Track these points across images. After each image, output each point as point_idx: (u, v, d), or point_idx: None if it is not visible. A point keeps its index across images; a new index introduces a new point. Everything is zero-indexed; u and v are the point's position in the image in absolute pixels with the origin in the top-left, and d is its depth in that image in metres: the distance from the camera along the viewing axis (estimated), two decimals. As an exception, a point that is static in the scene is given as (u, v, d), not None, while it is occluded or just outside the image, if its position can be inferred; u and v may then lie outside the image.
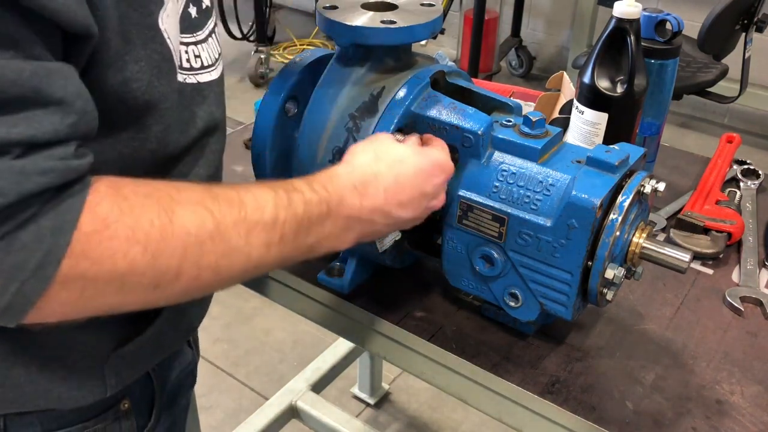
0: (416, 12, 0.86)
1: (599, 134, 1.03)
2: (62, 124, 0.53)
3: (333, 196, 0.69)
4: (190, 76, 0.70)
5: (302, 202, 0.66)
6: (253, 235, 0.61)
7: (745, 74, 2.52)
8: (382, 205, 0.72)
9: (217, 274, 0.60)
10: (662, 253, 0.80)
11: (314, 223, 0.67)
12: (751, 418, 0.80)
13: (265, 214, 0.62)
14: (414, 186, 0.74)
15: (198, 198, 0.59)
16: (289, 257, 0.67)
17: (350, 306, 0.95)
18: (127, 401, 0.81)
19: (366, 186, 0.71)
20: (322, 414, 1.88)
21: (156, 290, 0.58)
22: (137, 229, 0.55)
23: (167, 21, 0.63)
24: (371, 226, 0.73)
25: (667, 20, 1.08)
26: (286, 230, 0.64)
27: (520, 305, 0.83)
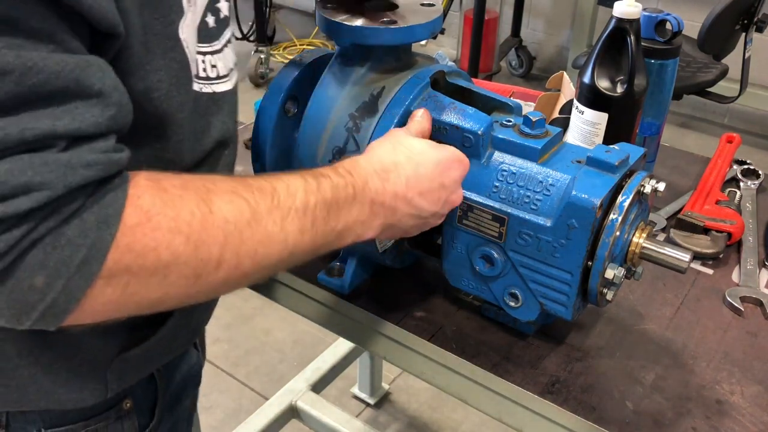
0: (416, 12, 0.86)
1: (599, 134, 1.03)
2: (102, 117, 0.53)
3: (358, 180, 0.69)
4: (206, 85, 0.71)
5: (330, 187, 0.66)
6: (287, 221, 0.62)
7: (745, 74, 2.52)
8: (405, 191, 0.72)
9: (255, 262, 0.61)
10: (662, 253, 0.80)
11: (342, 207, 0.67)
12: (751, 418, 0.80)
13: (297, 200, 0.63)
14: (433, 177, 0.74)
15: (232, 187, 0.60)
16: (320, 244, 0.67)
17: (350, 306, 0.95)
18: (129, 400, 0.81)
19: (387, 172, 0.72)
20: (322, 414, 1.88)
21: (198, 281, 0.58)
22: (179, 220, 0.55)
23: (186, 30, 0.64)
24: (394, 214, 0.73)
25: (667, 20, 1.08)
26: (317, 215, 0.65)
27: (520, 305, 0.83)
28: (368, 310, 0.94)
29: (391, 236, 0.78)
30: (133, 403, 0.81)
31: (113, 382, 0.75)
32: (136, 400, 0.82)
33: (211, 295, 0.62)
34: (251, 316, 2.42)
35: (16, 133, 0.49)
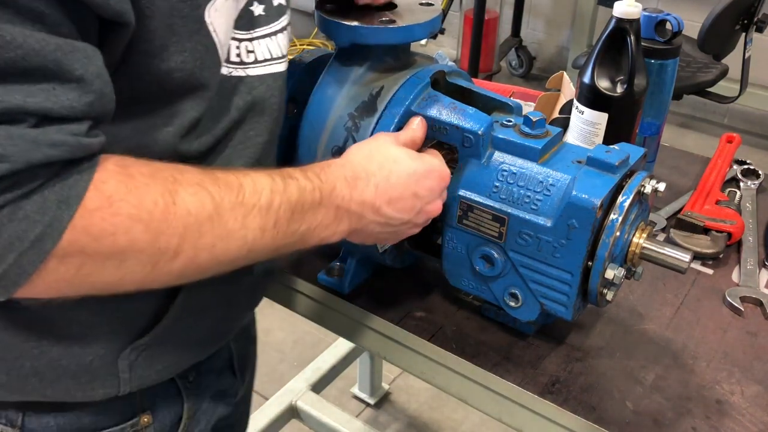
0: (415, 12, 0.86)
1: (599, 134, 1.03)
2: (79, 102, 0.53)
3: (325, 184, 0.70)
4: (238, 69, 0.71)
5: (297, 189, 0.67)
6: (249, 218, 0.62)
7: (745, 74, 2.52)
8: (372, 199, 0.73)
9: (213, 256, 0.61)
10: (662, 253, 0.80)
11: (307, 210, 0.68)
12: (751, 418, 0.80)
13: (262, 198, 0.63)
14: (406, 186, 0.74)
15: (199, 180, 0.60)
16: (281, 244, 0.67)
17: (350, 306, 0.95)
18: (148, 415, 0.80)
19: (356, 180, 0.72)
20: (322, 414, 1.88)
21: (154, 270, 0.58)
22: (141, 208, 0.55)
23: (214, 15, 0.64)
24: (360, 221, 0.73)
25: (667, 20, 1.08)
26: (280, 215, 0.65)
27: (520, 305, 0.83)
28: (368, 310, 0.94)
29: (361, 242, 0.78)
30: (152, 419, 0.80)
31: (125, 373, 0.74)
32: (156, 417, 0.81)
33: (167, 283, 0.62)
34: (251, 316, 2.42)
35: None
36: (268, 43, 0.74)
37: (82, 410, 0.76)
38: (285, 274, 1.00)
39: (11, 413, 0.75)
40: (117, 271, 0.57)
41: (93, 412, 0.76)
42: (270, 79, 0.75)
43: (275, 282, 1.01)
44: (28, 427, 0.75)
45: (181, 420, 0.83)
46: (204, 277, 0.64)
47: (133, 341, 0.74)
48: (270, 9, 0.73)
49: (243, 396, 1.00)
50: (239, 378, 0.95)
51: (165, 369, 0.78)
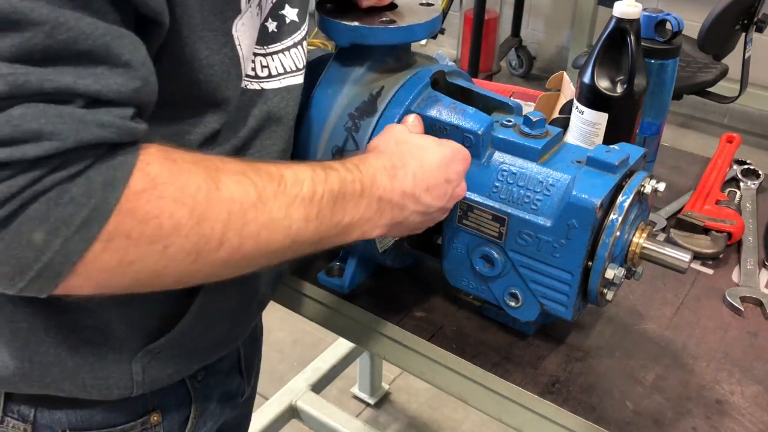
0: (415, 12, 0.86)
1: (599, 134, 1.03)
2: (126, 87, 0.53)
3: (366, 176, 0.69)
4: (253, 82, 0.72)
5: (338, 180, 0.66)
6: (292, 208, 0.62)
7: (745, 74, 2.53)
8: (412, 188, 0.72)
9: (258, 245, 0.60)
10: (662, 253, 0.80)
11: (349, 201, 0.67)
12: (751, 418, 0.80)
13: (304, 188, 0.63)
14: (439, 172, 0.74)
15: (241, 169, 0.60)
16: (325, 236, 0.66)
17: (350, 306, 0.95)
18: (157, 414, 0.80)
19: (395, 169, 0.72)
20: (322, 414, 1.88)
21: (198, 258, 0.57)
22: (185, 192, 0.55)
23: (241, 29, 0.65)
24: (402, 212, 0.73)
25: (667, 20, 1.08)
26: (323, 205, 0.64)
27: (520, 305, 0.83)
28: (368, 310, 0.94)
29: (397, 234, 0.77)
30: (161, 417, 0.80)
31: (138, 375, 0.74)
32: (166, 415, 0.81)
33: (211, 276, 0.61)
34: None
35: (36, 82, 0.49)
36: (282, 59, 0.74)
37: (94, 407, 0.76)
38: (286, 274, 1.00)
39: (24, 408, 0.75)
40: (161, 258, 0.55)
41: (104, 410, 0.77)
42: (285, 91, 0.76)
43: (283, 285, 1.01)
44: (40, 422, 0.75)
45: (189, 420, 0.83)
46: (248, 271, 0.63)
47: (147, 344, 0.74)
48: (282, 26, 0.74)
49: (248, 396, 1.00)
50: (246, 379, 0.95)
51: (177, 372, 0.79)
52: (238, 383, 0.93)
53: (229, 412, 0.92)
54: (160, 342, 0.74)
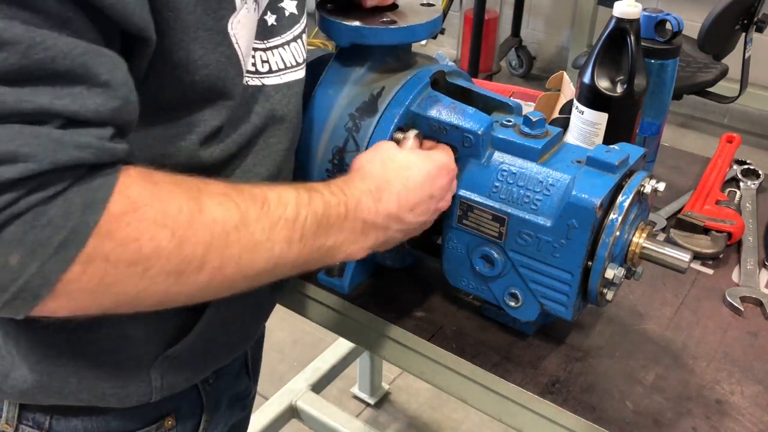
0: (416, 12, 0.86)
1: (599, 134, 1.03)
2: (105, 107, 0.53)
3: (350, 199, 0.69)
4: (254, 78, 0.71)
5: (322, 203, 0.66)
6: (275, 230, 0.61)
7: (745, 74, 2.53)
8: (396, 210, 0.72)
9: (239, 268, 0.60)
10: (662, 253, 0.80)
11: (333, 224, 0.67)
12: (751, 418, 0.80)
13: (288, 210, 0.62)
14: (423, 191, 0.74)
15: (223, 191, 0.60)
16: (308, 259, 0.66)
17: (350, 306, 0.95)
18: (171, 418, 0.80)
19: (380, 192, 0.71)
20: (322, 414, 1.88)
21: (178, 280, 0.57)
22: (166, 214, 0.54)
23: (237, 26, 0.64)
24: (386, 233, 0.73)
25: (667, 20, 1.08)
26: (306, 228, 0.64)
27: (520, 305, 0.83)
28: (368, 310, 0.94)
29: (379, 249, 0.77)
30: (175, 421, 0.80)
31: (157, 380, 0.74)
32: (180, 419, 0.81)
33: (192, 298, 0.61)
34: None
35: (12, 102, 0.48)
36: (282, 53, 0.74)
37: (109, 414, 0.76)
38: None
39: (39, 416, 0.75)
40: (141, 280, 0.55)
41: (120, 416, 0.77)
42: (285, 87, 0.75)
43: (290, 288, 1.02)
44: (56, 429, 0.75)
45: (201, 423, 0.84)
46: (226, 294, 0.63)
47: (165, 350, 0.74)
48: (282, 19, 0.73)
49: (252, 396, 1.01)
50: (252, 379, 0.96)
51: (194, 375, 0.79)
52: (246, 384, 0.93)
53: (239, 414, 0.92)
54: (177, 347, 0.74)
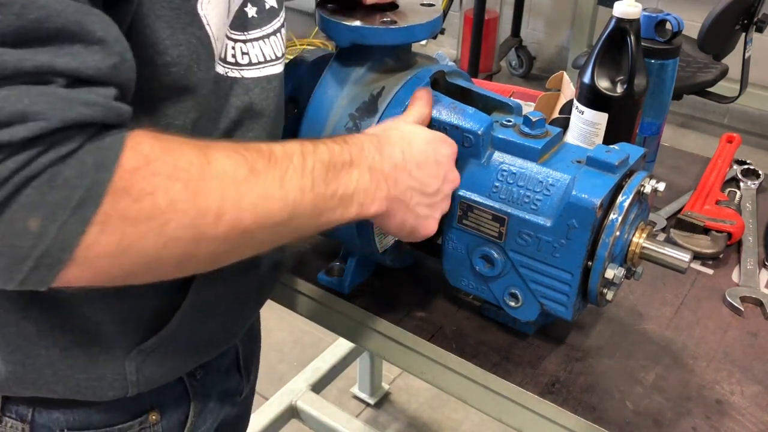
0: (416, 12, 0.86)
1: (599, 134, 1.03)
2: (104, 64, 0.52)
3: (353, 147, 0.69)
4: (233, 70, 0.71)
5: (327, 151, 0.66)
6: (286, 179, 0.62)
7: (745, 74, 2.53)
8: (402, 162, 0.72)
9: (256, 217, 0.59)
10: (662, 253, 0.80)
11: (340, 170, 0.67)
12: (751, 418, 0.80)
13: (294, 160, 0.63)
14: (427, 151, 0.75)
15: (230, 146, 0.60)
16: (324, 209, 0.66)
17: (350, 306, 0.95)
18: (156, 413, 0.80)
19: (381, 145, 0.72)
20: (322, 414, 1.88)
21: (197, 236, 0.56)
22: (177, 167, 0.55)
23: (207, 7, 0.64)
24: (397, 186, 0.72)
25: (667, 20, 1.08)
26: (316, 176, 0.64)
27: (520, 305, 0.83)
28: (368, 310, 0.94)
29: (401, 222, 0.75)
30: (160, 416, 0.80)
31: (132, 375, 0.74)
32: (165, 414, 0.81)
33: (214, 257, 0.60)
34: (251, 316, 2.42)
35: (14, 62, 0.48)
36: (262, 46, 0.74)
37: (91, 407, 0.76)
38: (285, 274, 1.01)
39: (21, 408, 0.75)
40: (159, 238, 0.54)
41: (102, 410, 0.77)
42: (265, 81, 0.75)
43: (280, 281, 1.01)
44: (38, 422, 0.75)
45: (188, 418, 0.83)
46: (252, 252, 0.63)
47: (140, 344, 0.74)
48: (262, 12, 0.73)
49: (247, 393, 1.00)
50: (245, 377, 0.95)
51: (173, 371, 0.79)
52: (237, 381, 0.93)
53: (229, 410, 0.92)
54: (152, 341, 0.74)
